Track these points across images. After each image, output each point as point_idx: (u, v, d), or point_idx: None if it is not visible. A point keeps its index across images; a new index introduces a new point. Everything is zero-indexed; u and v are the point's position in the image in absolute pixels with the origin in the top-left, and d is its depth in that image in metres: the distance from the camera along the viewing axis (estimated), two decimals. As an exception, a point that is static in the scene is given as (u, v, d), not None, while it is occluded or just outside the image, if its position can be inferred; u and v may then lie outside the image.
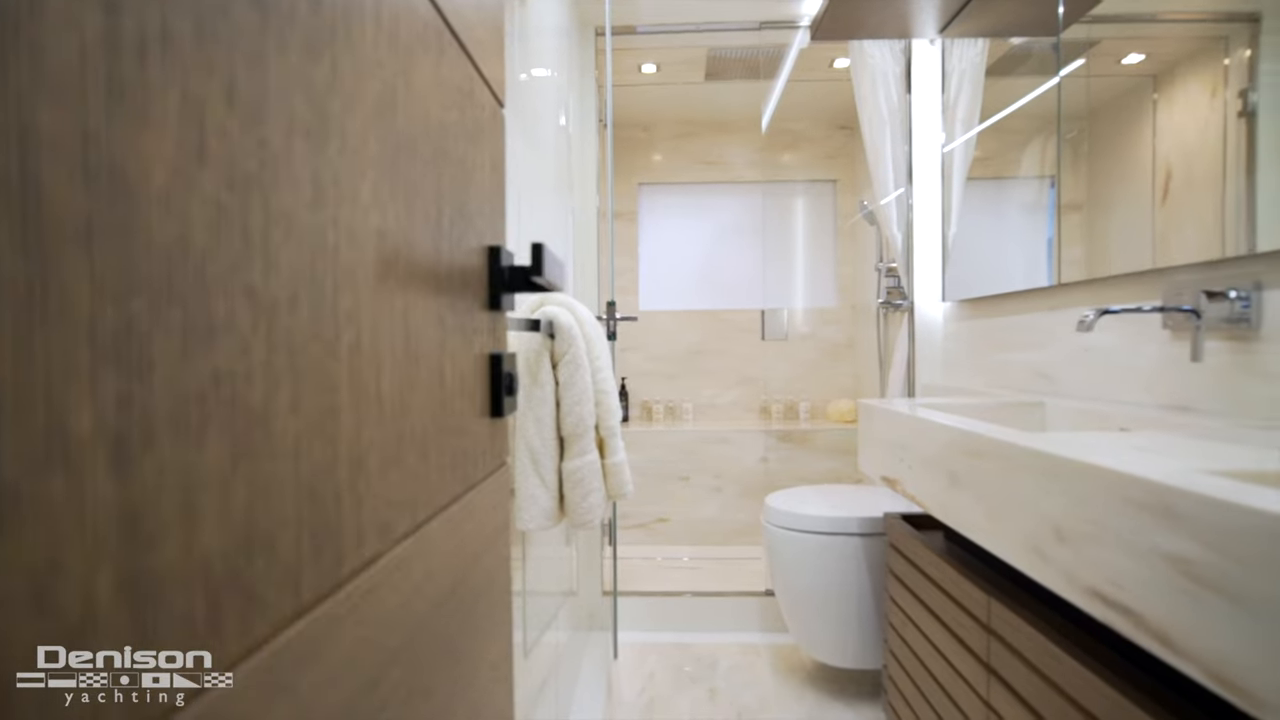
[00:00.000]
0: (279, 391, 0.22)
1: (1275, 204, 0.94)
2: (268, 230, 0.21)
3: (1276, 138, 0.94)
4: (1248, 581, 0.48)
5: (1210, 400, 1.04)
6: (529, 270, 0.52)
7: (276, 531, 0.22)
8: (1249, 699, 0.48)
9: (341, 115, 0.27)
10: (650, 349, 3.31)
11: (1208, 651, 0.52)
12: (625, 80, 2.78)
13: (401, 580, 0.33)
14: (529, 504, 1.09)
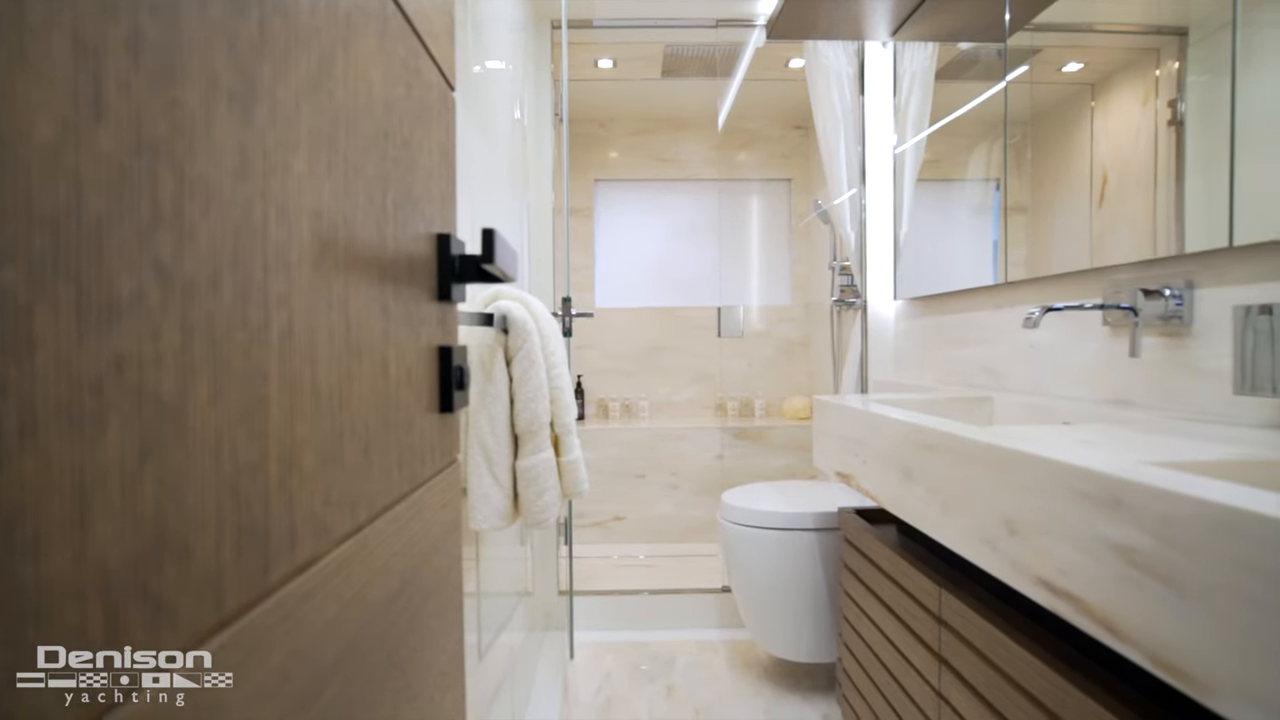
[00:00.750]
0: (197, 380, 0.20)
1: (1202, 207, 0.98)
2: (182, 200, 0.19)
3: (1202, 145, 0.98)
4: (1188, 568, 0.50)
5: (1148, 394, 1.08)
6: (480, 258, 0.50)
7: (192, 535, 0.20)
8: (1189, 682, 0.50)
9: (272, 81, 0.24)
10: (607, 346, 3.29)
11: (1150, 637, 0.53)
12: (582, 75, 2.76)
13: (341, 585, 0.30)
14: (482, 503, 1.07)
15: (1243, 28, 0.91)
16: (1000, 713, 0.83)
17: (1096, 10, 1.21)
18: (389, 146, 0.39)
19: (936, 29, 1.71)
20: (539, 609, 2.13)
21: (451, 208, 0.55)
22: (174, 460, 0.19)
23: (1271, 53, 0.87)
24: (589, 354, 3.28)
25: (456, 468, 0.56)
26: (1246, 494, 0.49)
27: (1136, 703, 0.66)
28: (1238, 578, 0.46)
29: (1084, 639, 0.77)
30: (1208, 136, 0.97)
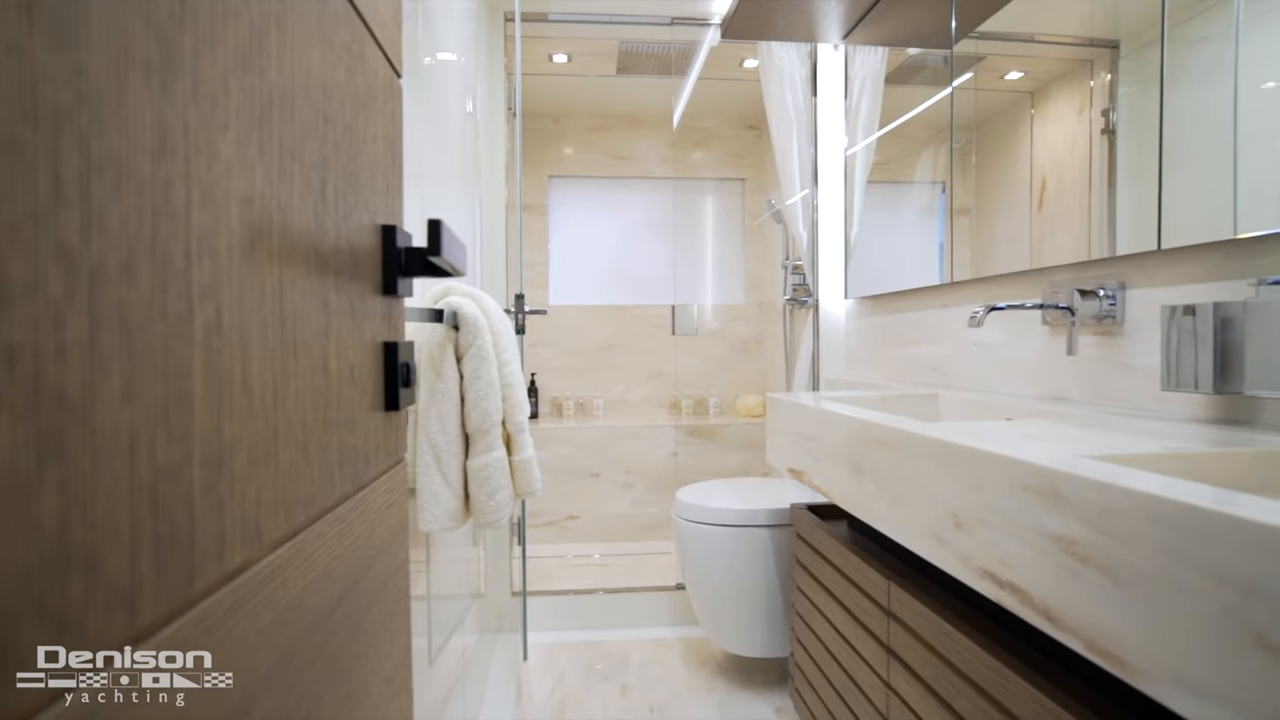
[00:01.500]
0: (107, 376, 0.18)
1: (1132, 212, 1.02)
2: (88, 178, 0.18)
3: (1133, 153, 1.02)
4: (1123, 557, 0.52)
5: (1083, 390, 1.12)
6: (426, 251, 0.48)
7: (101, 545, 0.18)
8: (1123, 667, 0.51)
9: (194, 54, 0.23)
10: (561, 344, 3.27)
11: (1087, 625, 0.55)
12: (536, 69, 2.73)
13: (276, 593, 0.29)
14: (432, 503, 1.04)
15: (1169, 43, 0.95)
16: (947, 702, 0.85)
17: (1036, 21, 1.25)
18: (329, 132, 0.37)
19: (886, 34, 1.74)
20: (492, 610, 2.10)
21: (398, 199, 0.53)
22: (79, 463, 0.17)
23: (1195, 67, 0.91)
24: (543, 352, 3.25)
25: (403, 467, 0.54)
26: (1177, 485, 0.51)
27: (1074, 688, 0.68)
28: (1169, 566, 0.47)
29: (1027, 628, 0.80)
30: (1137, 145, 1.01)
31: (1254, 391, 0.79)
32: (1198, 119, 0.91)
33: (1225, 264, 0.89)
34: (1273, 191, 0.82)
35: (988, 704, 0.76)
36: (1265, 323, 0.77)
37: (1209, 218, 0.89)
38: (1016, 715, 0.71)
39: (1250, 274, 0.85)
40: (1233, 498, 0.47)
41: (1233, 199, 0.87)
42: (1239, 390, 0.81)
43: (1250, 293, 0.79)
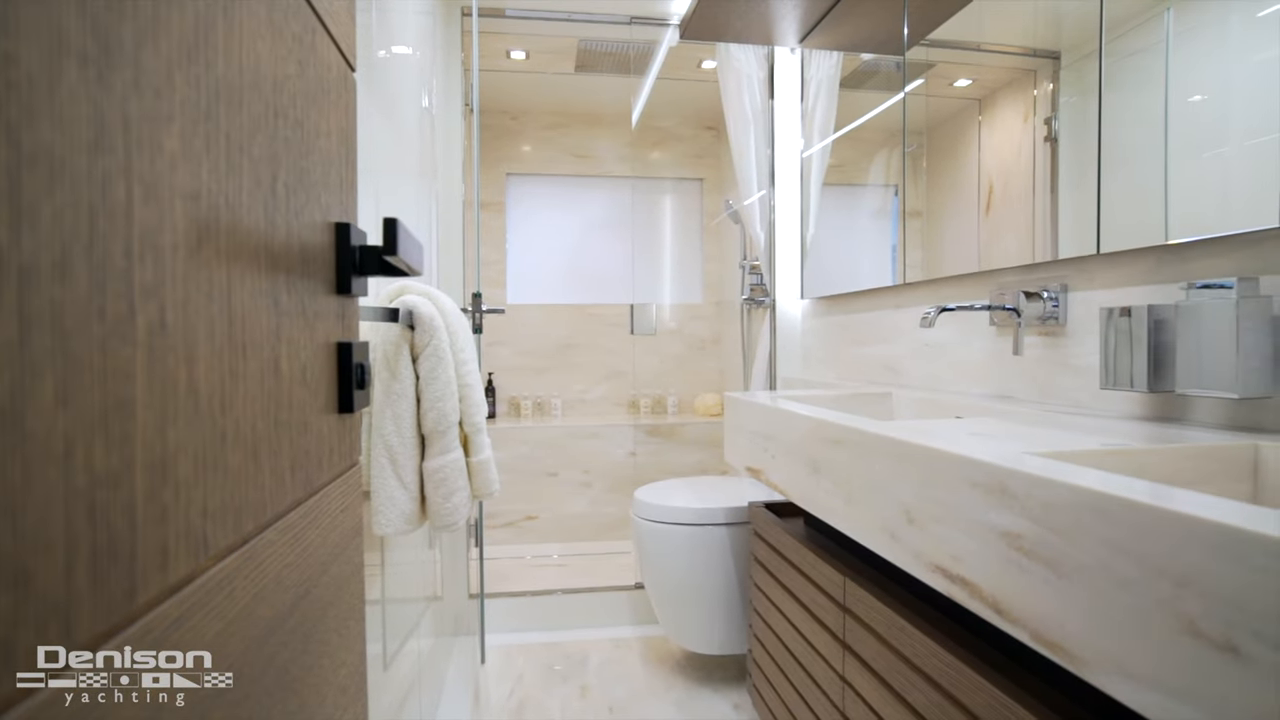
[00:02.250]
0: (39, 380, 0.17)
1: (1074, 217, 1.06)
2: (18, 171, 0.17)
3: (1073, 161, 1.06)
4: (1066, 551, 0.54)
5: (1029, 389, 1.16)
6: (381, 250, 0.47)
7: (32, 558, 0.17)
8: (1068, 657, 0.53)
9: (135, 45, 0.22)
10: (518, 343, 3.24)
11: (1033, 616, 0.57)
12: (493, 65, 2.69)
13: (224, 603, 0.28)
14: (387, 506, 1.02)
15: (1106, 56, 0.99)
16: (901, 695, 0.87)
17: (984, 31, 1.29)
18: (280, 127, 0.36)
19: (841, 39, 1.77)
20: (449, 613, 2.07)
21: (352, 195, 0.52)
22: (8, 472, 0.16)
23: (1130, 79, 0.95)
24: (500, 351, 3.21)
25: (358, 470, 0.53)
26: (1115, 481, 0.53)
27: (1022, 678, 0.70)
28: (1109, 559, 0.49)
29: (978, 621, 0.82)
30: (1078, 153, 1.05)
31: (1184, 390, 0.83)
32: (1133, 129, 0.95)
33: (1159, 268, 0.93)
34: (1200, 200, 0.86)
35: (940, 696, 0.78)
36: (1194, 325, 0.81)
37: (1143, 224, 0.93)
38: (967, 706, 0.73)
39: (1181, 278, 0.89)
40: (1168, 493, 0.49)
41: (1164, 206, 0.91)
42: (1171, 389, 0.85)
43: (1181, 296, 0.83)
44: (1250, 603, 0.40)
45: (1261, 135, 0.78)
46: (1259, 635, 0.39)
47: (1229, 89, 0.83)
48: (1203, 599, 0.42)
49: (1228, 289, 0.77)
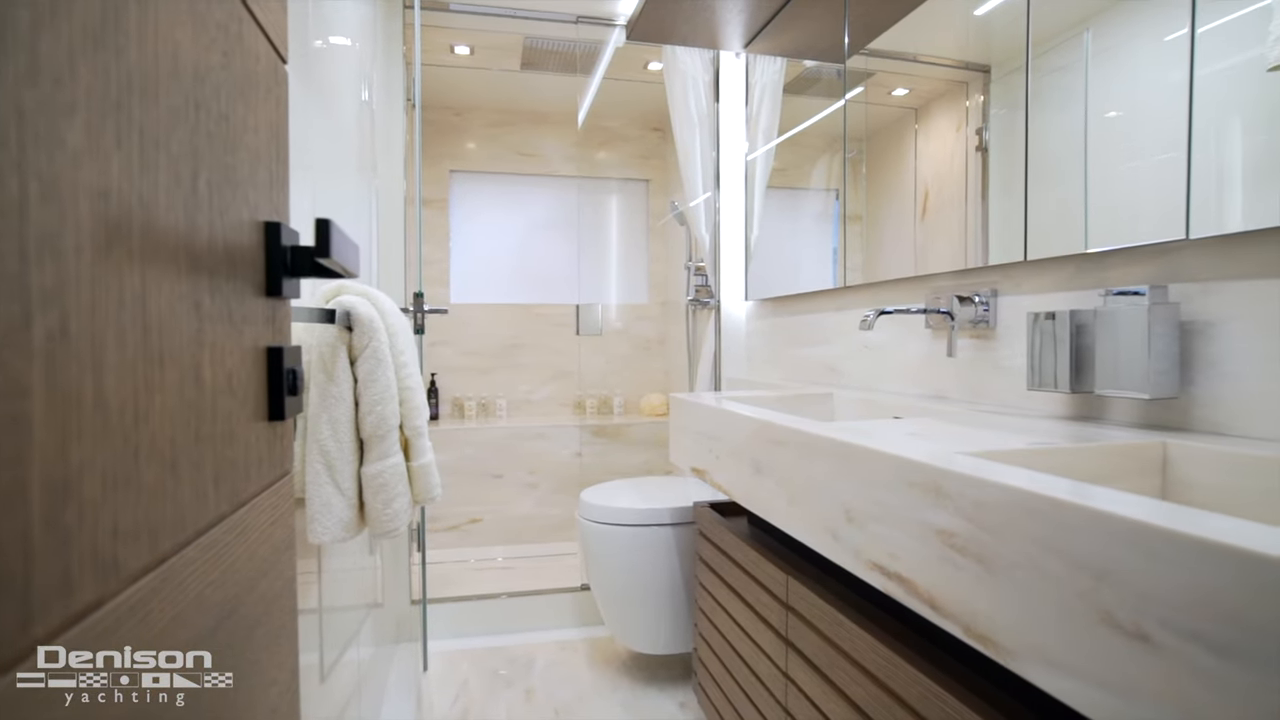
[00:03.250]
0: (-81, 397, 0.16)
1: (1003, 225, 1.11)
2: (-108, 170, 0.15)
3: (1003, 171, 1.11)
4: (996, 548, 0.56)
5: (962, 389, 1.21)
6: (314, 251, 0.45)
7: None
8: (996, 649, 0.55)
9: (32, 30, 0.20)
10: (463, 343, 3.18)
11: (965, 611, 0.59)
12: (436, 60, 2.64)
13: (138, 628, 0.26)
14: (323, 514, 0.98)
15: (1031, 72, 1.04)
16: (840, 689, 0.89)
17: (919, 42, 1.33)
18: (202, 120, 0.34)
19: (785, 45, 1.80)
20: (390, 620, 2.02)
21: (283, 193, 0.50)
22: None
23: (1054, 94, 1.00)
24: (443, 351, 3.15)
25: (290, 480, 0.51)
26: (1041, 479, 0.55)
27: (955, 670, 0.73)
28: (1035, 554, 0.52)
29: (915, 616, 0.85)
30: (1007, 163, 1.10)
31: (1102, 390, 0.87)
32: (1057, 142, 1.00)
33: (1080, 275, 0.98)
34: (1116, 211, 0.91)
35: (878, 689, 0.80)
36: (1111, 329, 0.85)
37: (1066, 232, 0.98)
38: (903, 698, 0.76)
39: (1100, 285, 0.94)
40: (1086, 490, 0.52)
41: (1084, 216, 0.96)
42: (1091, 390, 0.89)
43: (1100, 302, 0.87)
44: (1160, 594, 0.42)
45: (1169, 151, 0.83)
46: (1166, 624, 0.41)
47: (1141, 107, 0.88)
48: (1118, 591, 0.45)
49: (1141, 296, 0.82)
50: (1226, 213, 0.77)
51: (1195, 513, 0.44)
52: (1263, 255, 0.75)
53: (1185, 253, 0.83)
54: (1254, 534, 0.39)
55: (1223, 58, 0.77)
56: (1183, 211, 0.80)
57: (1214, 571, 0.39)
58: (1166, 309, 0.81)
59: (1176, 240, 0.81)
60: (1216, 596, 0.39)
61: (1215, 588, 0.39)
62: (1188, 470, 0.74)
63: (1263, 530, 0.39)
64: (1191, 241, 0.81)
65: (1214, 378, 0.79)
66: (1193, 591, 0.40)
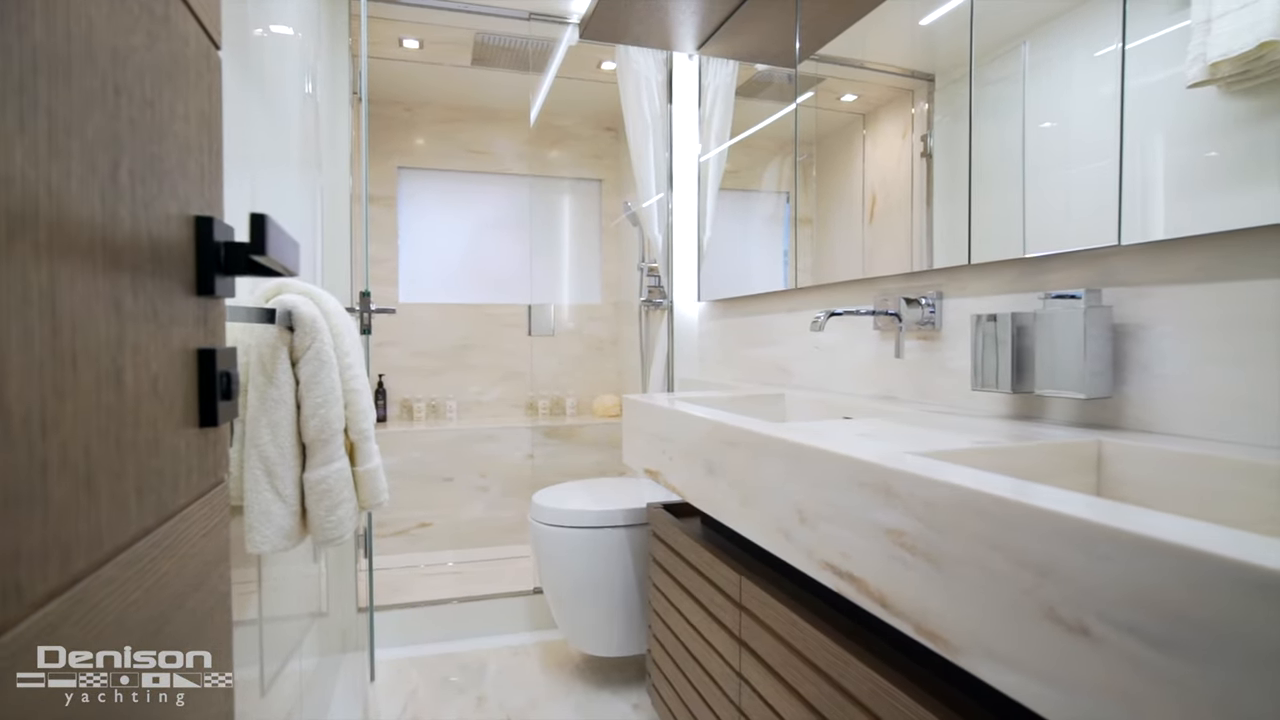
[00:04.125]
0: None
1: (947, 230, 1.14)
2: None
3: (947, 177, 1.14)
4: (945, 546, 0.57)
5: (909, 390, 1.24)
6: (249, 247, 0.43)
7: None
8: (946, 646, 0.57)
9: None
10: (411, 344, 3.11)
11: (915, 609, 0.60)
12: (384, 53, 2.57)
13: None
14: (262, 522, 0.94)
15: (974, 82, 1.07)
16: (794, 688, 0.90)
17: (867, 50, 1.36)
18: (123, 106, 0.32)
19: (738, 48, 1.82)
20: (335, 629, 1.96)
21: (217, 186, 0.47)
22: None
23: (995, 104, 1.03)
24: (391, 351, 3.08)
25: (224, 489, 0.48)
26: (986, 479, 0.57)
27: (906, 667, 0.74)
28: (982, 553, 0.53)
29: (866, 615, 0.86)
30: (950, 169, 1.13)
31: (1041, 391, 0.90)
32: (997, 150, 1.03)
33: (1020, 279, 1.01)
34: (1052, 217, 0.94)
35: (830, 687, 0.81)
36: (1049, 331, 0.89)
37: (1007, 238, 1.01)
38: (855, 695, 0.77)
39: (1039, 288, 0.97)
40: (1028, 488, 0.53)
41: (1022, 223, 0.99)
42: (1031, 390, 0.92)
43: (1039, 305, 0.90)
44: (1099, 588, 0.43)
45: (1100, 160, 0.86)
46: (1104, 617, 0.43)
47: (1073, 118, 0.92)
48: (1060, 587, 0.46)
49: (1077, 299, 0.85)
50: (1152, 221, 0.81)
51: (1132, 510, 0.45)
52: (1188, 262, 0.78)
53: (1118, 258, 0.87)
54: (1189, 531, 0.40)
55: (1148, 74, 0.81)
56: (1115, 219, 0.84)
57: (1151, 567, 0.40)
58: (1101, 312, 0.84)
59: (1110, 246, 0.85)
60: (1154, 591, 0.40)
61: (1152, 583, 0.40)
62: (1121, 467, 0.77)
63: (1198, 527, 0.41)
64: (1124, 247, 0.84)
65: (1145, 379, 0.83)
66: (1131, 586, 0.41)
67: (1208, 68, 0.74)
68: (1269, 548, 0.37)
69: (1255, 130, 0.71)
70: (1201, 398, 0.77)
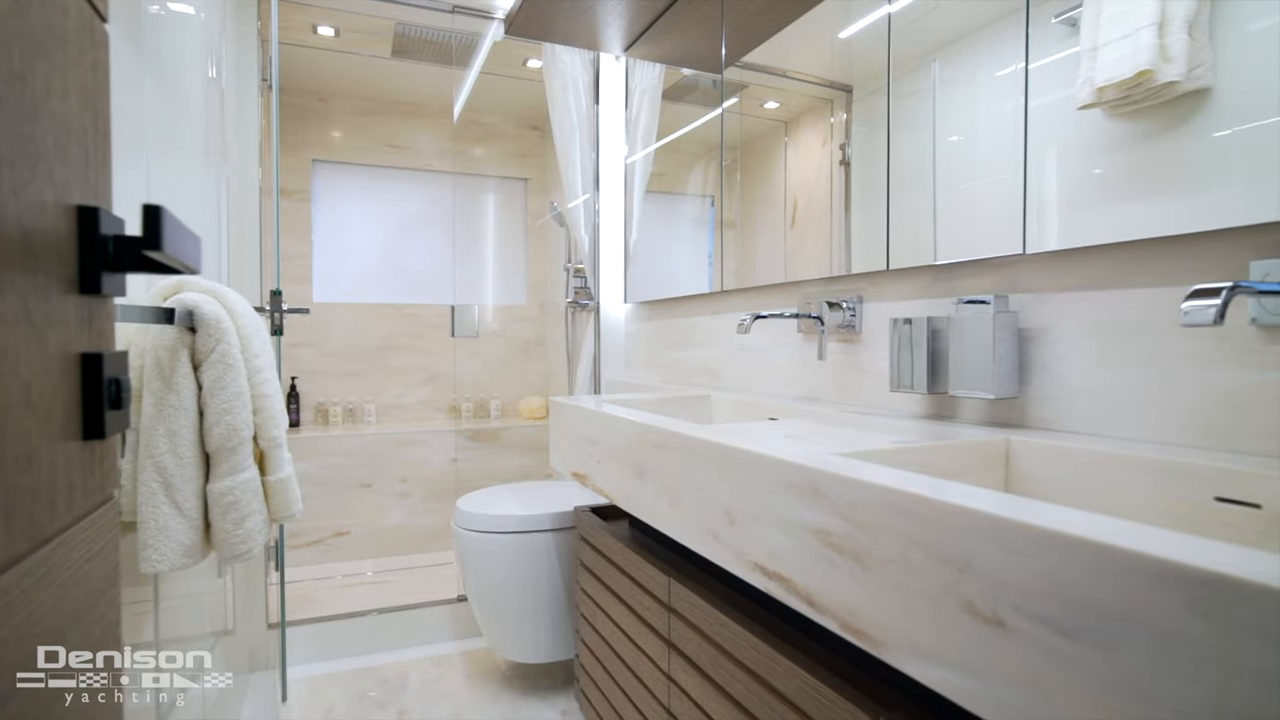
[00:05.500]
0: None
1: (864, 236, 1.18)
2: None
3: (864, 185, 1.18)
4: (870, 545, 0.58)
5: (831, 391, 1.27)
6: (141, 242, 0.39)
7: None
8: (871, 642, 0.58)
9: None
10: (327, 344, 2.97)
11: (841, 607, 0.62)
12: (297, 40, 2.44)
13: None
14: (159, 539, 0.87)
15: (888, 95, 1.11)
16: (722, 687, 0.90)
17: (789, 59, 1.39)
18: (-12, 81, 0.28)
19: (664, 52, 1.83)
20: (242, 648, 1.84)
21: (103, 173, 0.43)
22: None
23: (908, 117, 1.07)
24: (305, 353, 2.93)
25: (113, 507, 0.44)
26: (908, 478, 0.58)
27: (831, 663, 0.76)
28: (904, 550, 0.54)
29: (794, 614, 0.88)
30: (867, 178, 1.17)
31: (955, 391, 0.94)
32: (911, 160, 1.08)
33: (935, 284, 1.06)
34: (964, 226, 0.99)
35: (758, 685, 0.82)
36: (961, 335, 0.93)
37: (921, 245, 1.06)
38: (781, 692, 0.78)
39: (952, 294, 1.02)
40: (947, 487, 0.55)
41: (933, 231, 1.03)
42: (945, 390, 0.97)
43: (952, 309, 0.95)
44: (1014, 582, 0.45)
45: (1002, 174, 0.92)
46: (1019, 610, 0.45)
47: (979, 133, 0.97)
48: (978, 581, 0.48)
49: (986, 305, 0.90)
50: (1049, 233, 0.86)
51: (1043, 506, 0.48)
52: (1084, 271, 0.84)
53: (1023, 266, 0.92)
54: (1093, 525, 0.43)
55: (1044, 95, 0.86)
56: (1020, 229, 0.89)
57: (1060, 560, 0.42)
58: (1007, 317, 0.89)
59: (1015, 255, 0.90)
60: (1063, 583, 0.42)
61: (1062, 575, 0.42)
62: (1027, 463, 0.81)
63: (1101, 521, 0.43)
64: (1028, 256, 0.89)
65: (1046, 380, 0.88)
66: (1043, 579, 0.43)
67: (1095, 91, 0.79)
68: (1164, 539, 0.39)
69: (1135, 151, 0.77)
70: (1096, 397, 0.82)
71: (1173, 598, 0.36)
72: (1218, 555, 0.36)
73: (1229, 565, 0.35)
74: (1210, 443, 0.72)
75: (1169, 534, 0.40)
